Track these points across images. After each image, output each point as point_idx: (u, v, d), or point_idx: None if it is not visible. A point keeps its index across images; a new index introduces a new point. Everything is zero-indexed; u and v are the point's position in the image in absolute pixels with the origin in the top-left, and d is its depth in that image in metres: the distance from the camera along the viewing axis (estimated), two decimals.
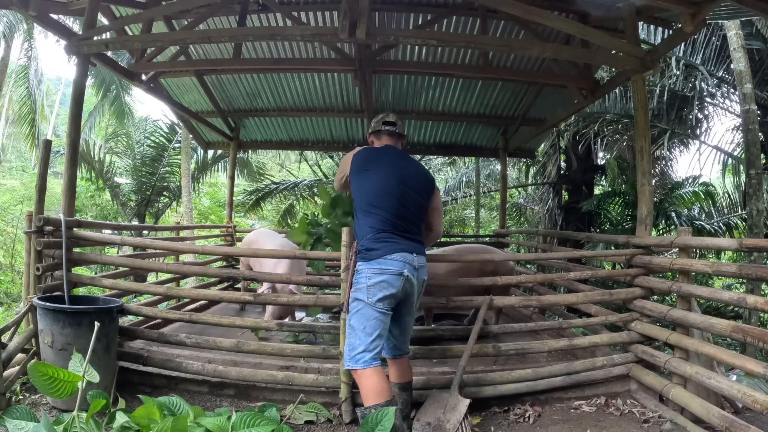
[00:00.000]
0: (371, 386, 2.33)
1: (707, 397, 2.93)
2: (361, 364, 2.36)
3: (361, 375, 2.37)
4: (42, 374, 2.15)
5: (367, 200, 2.60)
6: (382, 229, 2.53)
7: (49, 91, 18.63)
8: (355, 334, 2.43)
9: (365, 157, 2.73)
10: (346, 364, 2.46)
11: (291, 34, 3.91)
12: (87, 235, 3.85)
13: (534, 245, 6.93)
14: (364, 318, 2.43)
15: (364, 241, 2.53)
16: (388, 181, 2.62)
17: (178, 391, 3.23)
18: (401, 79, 6.03)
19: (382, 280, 2.44)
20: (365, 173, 2.66)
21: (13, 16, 10.74)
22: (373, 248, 2.49)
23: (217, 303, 5.39)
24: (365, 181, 2.65)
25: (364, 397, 2.35)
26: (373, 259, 2.47)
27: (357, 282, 2.49)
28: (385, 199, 2.58)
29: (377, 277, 2.44)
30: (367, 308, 2.44)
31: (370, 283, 2.44)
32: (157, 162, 11.22)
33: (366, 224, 2.57)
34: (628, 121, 7.85)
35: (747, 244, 2.75)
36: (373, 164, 2.67)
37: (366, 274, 2.46)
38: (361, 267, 2.50)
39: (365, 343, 2.39)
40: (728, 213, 8.64)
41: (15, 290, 9.70)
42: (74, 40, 3.83)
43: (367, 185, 2.63)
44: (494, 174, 14.59)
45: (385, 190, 2.60)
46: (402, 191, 2.62)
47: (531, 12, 3.67)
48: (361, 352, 2.38)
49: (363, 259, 2.50)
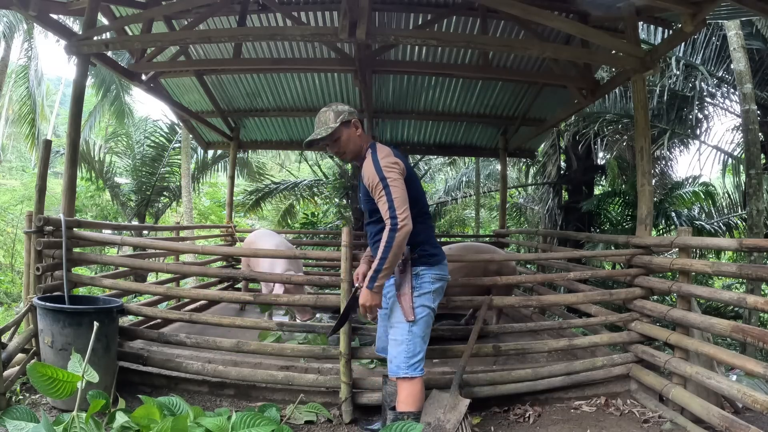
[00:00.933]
0: (419, 392, 2.35)
1: (707, 397, 2.93)
2: (419, 371, 2.35)
3: (416, 382, 2.34)
4: (41, 374, 2.14)
5: (419, 207, 2.45)
6: (433, 232, 2.53)
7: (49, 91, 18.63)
8: (416, 341, 2.36)
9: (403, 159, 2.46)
10: (399, 371, 2.34)
11: (291, 34, 3.91)
12: (87, 235, 3.85)
13: (534, 245, 6.94)
14: (427, 325, 2.40)
15: (425, 246, 2.44)
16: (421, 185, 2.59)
17: (178, 391, 3.24)
18: (401, 79, 6.03)
19: (440, 286, 2.45)
20: (414, 177, 2.48)
21: (13, 16, 10.74)
22: (435, 253, 2.45)
23: (217, 303, 5.39)
24: (414, 185, 2.44)
25: (412, 401, 2.33)
26: (435, 264, 2.43)
27: (420, 287, 2.39)
28: (427, 206, 2.56)
29: (438, 282, 2.43)
30: (431, 315, 2.42)
31: (434, 288, 2.41)
32: (157, 162, 11.22)
33: (422, 230, 2.44)
34: (628, 121, 7.84)
35: (747, 244, 2.75)
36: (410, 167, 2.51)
37: (429, 278, 2.40)
38: (423, 272, 2.41)
39: (423, 350, 2.38)
40: (728, 213, 8.63)
41: (15, 290, 9.70)
42: (74, 40, 3.83)
43: (417, 191, 2.47)
44: (494, 174, 14.60)
45: (424, 196, 2.58)
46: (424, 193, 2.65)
47: (531, 12, 3.67)
48: (419, 360, 2.36)
49: (425, 264, 2.41)
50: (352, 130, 2.46)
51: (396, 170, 2.31)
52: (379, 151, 2.40)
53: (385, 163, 2.31)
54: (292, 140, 7.77)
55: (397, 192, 2.25)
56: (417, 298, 2.37)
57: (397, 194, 2.25)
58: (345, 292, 3.01)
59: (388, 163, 2.32)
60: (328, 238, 8.86)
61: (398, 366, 2.35)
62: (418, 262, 2.41)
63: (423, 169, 13.95)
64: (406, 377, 2.34)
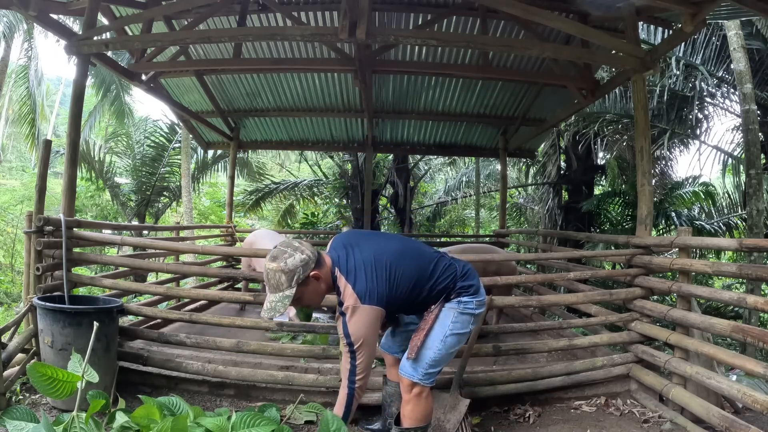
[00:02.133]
0: (428, 405, 2.32)
1: (707, 397, 2.93)
2: (432, 382, 2.32)
3: (425, 393, 2.31)
4: (41, 374, 2.14)
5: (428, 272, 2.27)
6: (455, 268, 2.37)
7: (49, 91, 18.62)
8: (445, 353, 2.29)
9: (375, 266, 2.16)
10: (416, 376, 2.27)
11: (291, 34, 3.91)
12: (87, 235, 3.85)
13: (534, 245, 6.94)
14: (457, 342, 2.34)
15: (458, 283, 2.31)
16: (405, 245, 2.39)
17: (178, 391, 3.23)
18: (401, 79, 6.04)
19: (483, 311, 2.43)
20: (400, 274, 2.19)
21: (13, 16, 10.73)
22: (472, 283, 2.35)
23: (217, 303, 5.39)
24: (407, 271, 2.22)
25: (420, 416, 2.28)
26: (476, 293, 2.35)
27: (465, 309, 2.31)
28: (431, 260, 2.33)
29: (480, 308, 2.39)
30: (464, 336, 2.37)
31: (476, 312, 2.36)
32: (157, 162, 11.22)
33: (445, 277, 2.30)
34: (628, 121, 7.85)
35: (747, 244, 2.75)
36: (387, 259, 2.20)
37: (473, 305, 2.33)
38: (467, 299, 2.32)
39: (442, 366, 2.35)
40: (728, 213, 8.64)
41: (15, 290, 9.70)
42: (74, 40, 3.83)
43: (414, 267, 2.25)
44: (494, 174, 14.60)
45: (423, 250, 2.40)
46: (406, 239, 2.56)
47: (531, 12, 3.67)
48: (435, 372, 2.32)
49: (467, 294, 2.32)
50: (311, 285, 2.14)
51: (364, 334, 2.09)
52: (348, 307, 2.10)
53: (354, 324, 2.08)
54: (292, 140, 7.77)
55: (362, 360, 2.10)
56: (457, 316, 2.30)
57: (361, 362, 2.10)
58: None
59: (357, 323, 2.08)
60: (328, 238, 8.85)
61: (414, 369, 2.28)
62: (459, 296, 2.32)
63: (423, 169, 13.95)
64: (418, 383, 2.27)
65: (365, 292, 2.08)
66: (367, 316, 2.08)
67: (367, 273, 2.13)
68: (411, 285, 2.21)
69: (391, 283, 2.15)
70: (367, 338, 2.09)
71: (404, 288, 2.19)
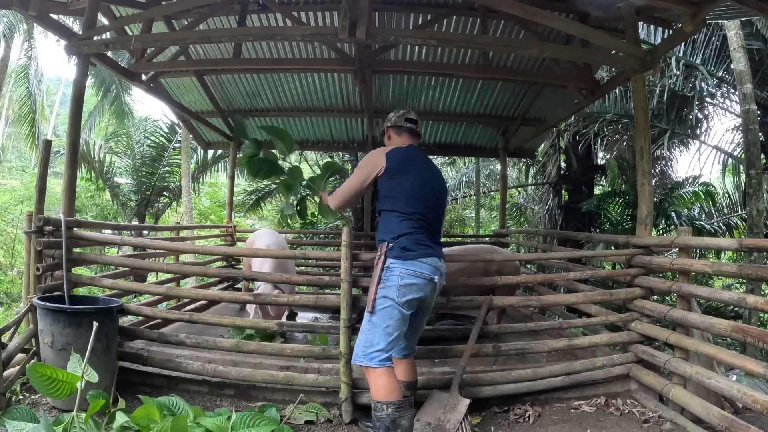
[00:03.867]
0: (383, 384, 2.37)
1: (707, 397, 2.93)
2: (376, 362, 2.39)
3: (373, 373, 2.40)
4: (41, 375, 2.14)
5: (407, 203, 2.56)
6: (419, 231, 2.53)
7: (49, 91, 18.63)
8: (376, 331, 2.43)
9: (403, 157, 2.65)
10: (357, 359, 2.46)
11: (291, 34, 3.90)
12: (87, 235, 3.85)
13: (534, 245, 6.93)
14: (388, 317, 2.43)
15: (402, 239, 2.50)
16: (426, 186, 2.63)
17: (178, 391, 3.24)
18: (401, 79, 6.03)
19: (414, 283, 2.45)
20: (405, 174, 2.60)
21: (13, 16, 10.73)
22: (411, 249, 2.48)
23: (217, 303, 5.39)
24: (405, 182, 2.59)
25: (375, 391, 2.40)
26: (409, 259, 2.46)
27: (387, 279, 2.46)
28: (422, 204, 2.59)
29: (410, 278, 2.44)
30: (394, 308, 2.44)
31: (403, 282, 2.43)
32: (157, 162, 11.22)
33: (403, 224, 2.54)
34: (628, 121, 7.85)
35: (747, 244, 2.75)
36: (411, 166, 2.64)
37: (399, 273, 2.45)
38: (394, 265, 2.47)
39: (384, 342, 2.41)
40: (728, 213, 8.64)
41: (15, 290, 9.70)
42: (74, 40, 3.83)
43: (408, 186, 2.58)
44: (494, 174, 14.60)
45: (423, 195, 2.61)
46: (435, 198, 2.67)
47: (531, 12, 3.67)
48: (377, 351, 2.40)
49: (398, 257, 2.47)
50: (386, 136, 2.93)
51: (362, 174, 2.67)
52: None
53: (364, 158, 2.73)
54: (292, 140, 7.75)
55: (346, 183, 2.74)
56: (381, 290, 2.45)
57: (345, 184, 2.75)
58: (345, 292, 3.00)
59: (365, 157, 2.72)
60: (328, 238, 8.86)
61: (356, 354, 2.47)
62: (391, 254, 2.48)
63: None
64: (363, 365, 2.42)
65: (392, 153, 2.66)
66: (374, 156, 2.67)
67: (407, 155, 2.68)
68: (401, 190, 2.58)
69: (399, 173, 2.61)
70: (362, 168, 2.68)
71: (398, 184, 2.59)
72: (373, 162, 2.65)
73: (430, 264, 2.51)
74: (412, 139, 2.86)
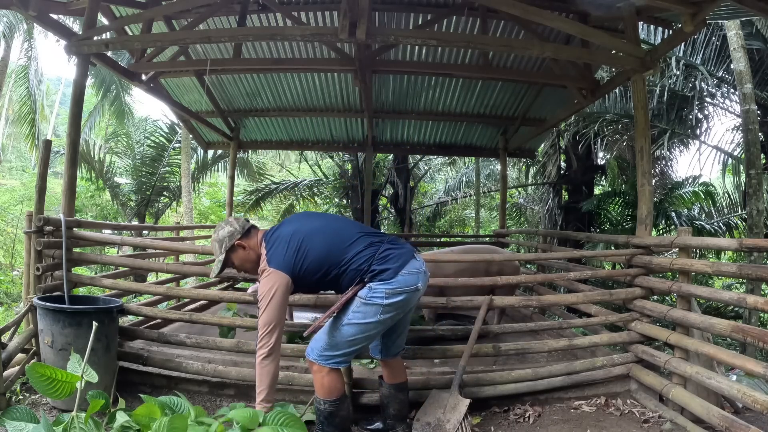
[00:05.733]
0: (327, 383, 2.41)
1: (707, 397, 2.92)
2: (328, 364, 2.40)
3: (319, 371, 2.41)
4: (40, 375, 2.14)
5: (340, 251, 2.37)
6: (376, 249, 2.38)
7: (49, 91, 18.61)
8: (340, 340, 2.36)
9: (290, 239, 2.36)
10: (311, 355, 2.43)
11: (291, 34, 3.91)
12: (87, 235, 3.85)
13: (534, 245, 6.93)
14: (359, 332, 2.35)
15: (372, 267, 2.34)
16: (328, 224, 2.49)
17: (178, 391, 3.23)
18: (401, 79, 6.03)
19: (400, 299, 2.34)
20: (308, 248, 2.35)
21: (13, 16, 10.73)
22: (386, 268, 2.33)
23: (217, 303, 5.38)
24: (315, 246, 2.36)
25: (318, 388, 2.43)
26: (390, 279, 2.32)
27: (371, 298, 2.32)
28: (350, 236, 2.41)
29: (395, 297, 2.32)
30: (370, 325, 2.35)
31: (387, 302, 2.32)
32: (157, 162, 11.23)
33: (355, 262, 2.36)
34: (628, 121, 7.84)
35: (747, 244, 2.75)
36: (301, 235, 2.38)
37: (382, 293, 2.31)
38: (375, 285, 2.33)
39: (343, 352, 2.39)
40: (728, 213, 8.64)
41: (15, 290, 9.69)
42: (74, 40, 3.83)
43: (324, 243, 2.37)
44: (494, 174, 14.60)
45: (343, 232, 2.44)
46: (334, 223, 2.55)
47: (531, 12, 3.67)
48: (333, 356, 2.39)
49: (380, 280, 2.33)
50: (239, 252, 2.44)
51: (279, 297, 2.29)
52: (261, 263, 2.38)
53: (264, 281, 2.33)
54: (292, 140, 7.77)
55: (267, 314, 2.29)
56: (359, 306, 2.33)
57: (266, 317, 2.29)
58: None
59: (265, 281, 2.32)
60: None
61: (312, 349, 2.45)
62: (371, 282, 2.35)
63: (423, 169, 13.95)
64: (313, 362, 2.42)
65: (275, 258, 2.34)
66: (274, 278, 2.30)
67: (281, 245, 2.37)
68: (319, 261, 2.36)
69: (299, 257, 2.34)
70: (273, 298, 2.28)
71: (312, 263, 2.35)
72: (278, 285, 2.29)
73: (410, 273, 2.36)
74: (258, 230, 2.53)
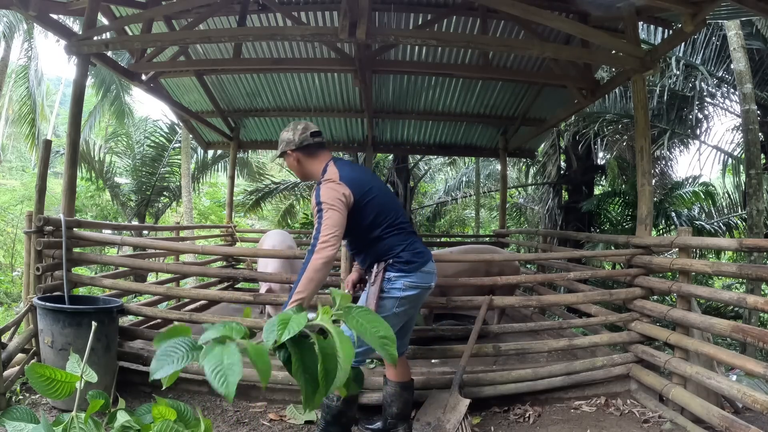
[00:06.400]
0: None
1: (707, 397, 2.92)
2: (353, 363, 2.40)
3: None
4: (39, 375, 2.13)
5: (387, 219, 2.47)
6: (411, 240, 2.49)
7: (49, 91, 18.62)
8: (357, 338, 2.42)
9: (359, 180, 2.44)
10: None
11: (291, 34, 3.91)
12: (87, 235, 3.85)
13: (534, 245, 6.93)
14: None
15: (403, 253, 2.43)
16: (391, 195, 2.59)
17: (178, 391, 3.24)
18: (401, 79, 6.03)
19: (415, 294, 2.43)
20: (373, 198, 2.45)
21: (13, 16, 10.73)
22: (412, 261, 2.43)
23: (217, 303, 5.39)
24: (375, 203, 2.45)
25: None
26: (412, 272, 2.42)
27: (389, 291, 2.41)
28: (398, 213, 2.54)
29: (412, 291, 2.42)
30: (388, 319, 2.34)
31: (404, 295, 2.41)
32: (157, 162, 11.22)
33: (395, 240, 2.45)
34: (628, 121, 7.84)
35: (747, 244, 2.75)
36: (370, 184, 2.49)
37: (401, 285, 2.41)
38: (395, 277, 2.41)
39: (363, 350, 2.39)
40: (728, 213, 8.63)
41: (15, 290, 9.69)
42: (74, 40, 3.83)
43: (381, 206, 2.47)
44: (494, 174, 14.60)
45: (396, 205, 2.56)
46: (395, 199, 2.64)
47: (531, 12, 3.67)
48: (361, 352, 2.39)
49: (400, 271, 2.42)
50: (290, 161, 2.56)
51: (333, 200, 2.31)
52: (326, 180, 2.40)
53: (325, 192, 2.35)
54: None
55: (328, 220, 2.28)
56: (381, 300, 2.40)
57: (327, 221, 2.28)
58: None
59: (328, 191, 2.34)
60: None
61: None
62: (392, 269, 2.43)
63: (423, 169, 13.94)
64: None
65: (346, 176, 2.39)
66: (339, 189, 2.34)
67: (355, 170, 2.51)
68: (379, 207, 2.44)
69: (366, 191, 2.42)
70: (335, 204, 2.30)
71: (374, 205, 2.43)
72: (337, 202, 2.32)
73: (429, 271, 2.49)
74: (328, 154, 2.55)
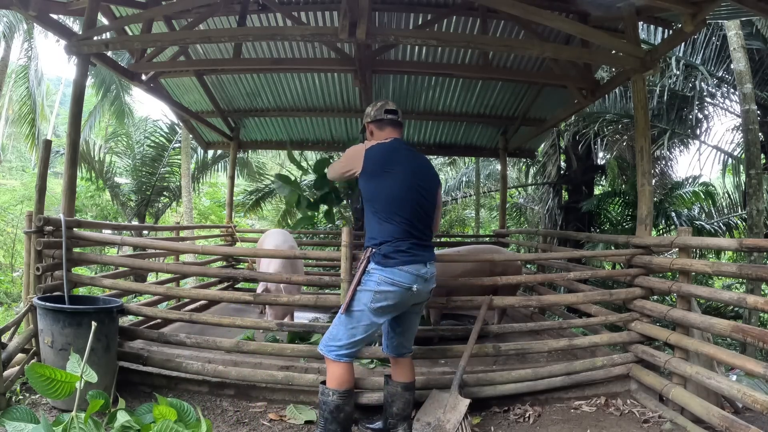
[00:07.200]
0: (336, 375, 2.49)
1: (707, 397, 2.93)
2: (333, 356, 2.48)
3: (330, 363, 2.51)
4: (39, 375, 2.14)
5: (387, 206, 2.50)
6: (401, 237, 2.47)
7: (49, 91, 18.61)
8: (341, 330, 2.49)
9: (382, 156, 2.55)
10: (320, 347, 2.56)
11: (291, 34, 3.91)
12: (87, 235, 3.85)
13: (534, 245, 6.93)
14: (356, 320, 2.46)
15: (383, 246, 2.46)
16: (408, 185, 2.52)
17: (178, 391, 3.24)
18: (401, 79, 6.03)
19: (389, 291, 2.43)
20: (384, 174, 2.51)
21: (13, 16, 10.73)
22: (391, 256, 2.44)
23: (217, 303, 5.39)
24: (384, 183, 2.51)
25: (328, 378, 2.52)
26: (389, 266, 2.43)
27: (365, 283, 2.46)
28: (405, 206, 2.50)
29: (386, 286, 2.42)
30: (364, 313, 2.44)
31: (378, 289, 2.42)
32: (157, 162, 11.22)
33: (385, 230, 2.48)
34: (628, 121, 7.84)
35: (747, 244, 2.75)
36: (391, 165, 2.53)
37: (376, 278, 2.43)
38: (373, 270, 2.45)
39: (345, 341, 2.47)
40: (728, 213, 8.63)
41: (15, 290, 9.70)
42: (74, 40, 3.83)
43: (388, 189, 2.50)
44: (494, 174, 14.59)
45: (405, 196, 2.51)
46: (420, 195, 2.56)
47: (531, 12, 3.67)
48: (337, 346, 2.48)
49: (378, 263, 2.44)
50: (367, 132, 2.79)
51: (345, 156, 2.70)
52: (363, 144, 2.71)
53: (348, 150, 2.70)
54: (292, 140, 7.76)
55: (335, 164, 2.81)
56: (357, 293, 2.47)
57: (334, 164, 2.82)
58: (345, 292, 3.00)
59: (349, 150, 2.69)
60: (328, 238, 8.85)
61: (322, 341, 2.57)
62: (373, 259, 2.48)
63: None
64: (324, 355, 2.53)
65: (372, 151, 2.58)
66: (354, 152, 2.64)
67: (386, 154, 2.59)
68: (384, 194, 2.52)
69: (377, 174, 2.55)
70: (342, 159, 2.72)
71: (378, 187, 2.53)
72: (350, 161, 2.62)
73: (410, 272, 2.44)
74: (396, 132, 2.71)
